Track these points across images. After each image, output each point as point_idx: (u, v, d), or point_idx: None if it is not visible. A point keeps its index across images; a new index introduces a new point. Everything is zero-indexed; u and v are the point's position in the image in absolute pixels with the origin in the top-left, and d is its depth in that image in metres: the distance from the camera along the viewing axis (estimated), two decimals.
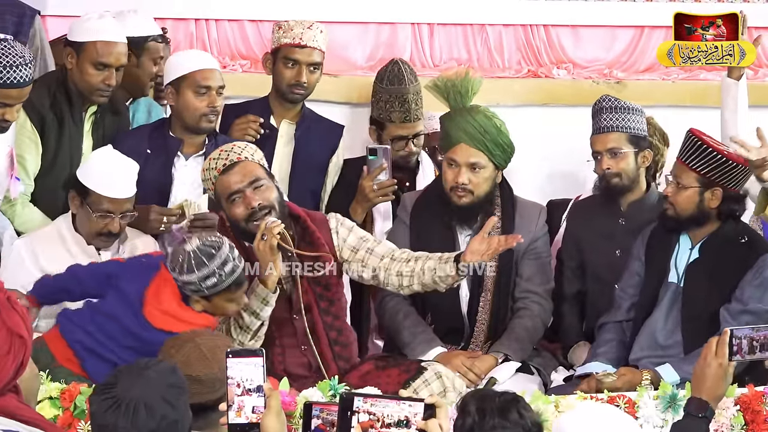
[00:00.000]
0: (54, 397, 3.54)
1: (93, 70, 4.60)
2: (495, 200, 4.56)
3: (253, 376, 2.67)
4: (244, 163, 4.02)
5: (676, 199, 4.17)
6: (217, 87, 4.60)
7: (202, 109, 4.57)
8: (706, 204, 4.17)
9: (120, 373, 2.60)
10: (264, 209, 3.95)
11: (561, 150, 5.17)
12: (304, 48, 4.90)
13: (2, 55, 4.16)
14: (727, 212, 4.20)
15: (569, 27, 6.17)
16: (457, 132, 4.44)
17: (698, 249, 4.23)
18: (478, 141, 4.41)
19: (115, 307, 3.82)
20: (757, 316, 4.03)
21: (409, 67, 5.17)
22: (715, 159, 4.11)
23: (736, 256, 4.17)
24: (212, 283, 3.75)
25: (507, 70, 6.12)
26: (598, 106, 4.59)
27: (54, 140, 4.64)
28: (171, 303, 3.81)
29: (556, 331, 4.71)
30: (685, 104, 5.53)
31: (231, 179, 3.98)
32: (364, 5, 5.99)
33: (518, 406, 2.85)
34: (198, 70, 4.60)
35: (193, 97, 4.58)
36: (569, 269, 4.73)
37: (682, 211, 4.18)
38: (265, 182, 4.00)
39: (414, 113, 4.96)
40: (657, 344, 4.22)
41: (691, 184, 4.15)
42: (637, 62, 6.23)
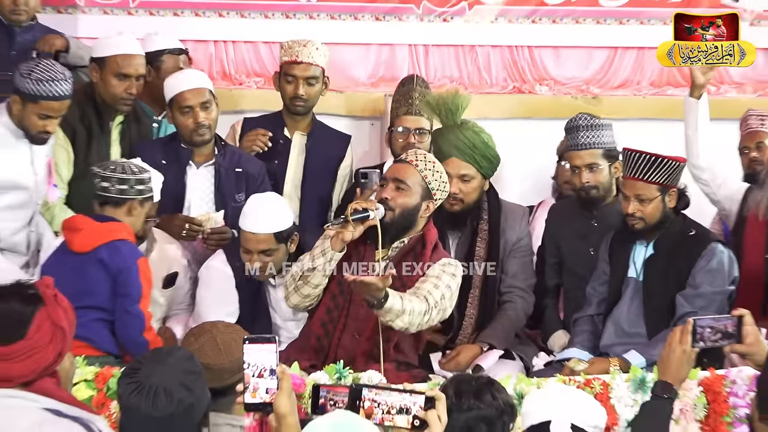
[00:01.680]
0: (89, 380, 3.53)
1: (115, 81, 4.65)
2: (483, 205, 4.53)
3: (267, 360, 2.66)
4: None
5: (646, 213, 4.14)
6: (200, 104, 4.56)
7: (189, 126, 4.56)
8: (667, 206, 4.16)
9: (144, 359, 2.61)
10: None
11: (543, 158, 5.17)
12: (300, 64, 4.88)
13: (44, 71, 4.20)
14: (683, 205, 4.20)
15: (550, 48, 6.17)
16: (449, 147, 4.42)
17: (652, 246, 4.23)
18: (468, 155, 4.40)
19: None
20: (708, 299, 4.09)
21: (421, 79, 5.13)
22: (669, 165, 4.09)
23: (687, 248, 4.16)
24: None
25: (494, 87, 6.12)
26: (575, 124, 4.54)
27: (84, 149, 4.67)
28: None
29: (536, 320, 4.70)
30: (654, 117, 5.53)
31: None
32: (366, 28, 5.99)
33: (492, 388, 2.87)
34: (179, 92, 4.58)
35: (179, 116, 4.59)
36: (549, 265, 4.75)
37: (652, 220, 4.16)
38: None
39: (416, 108, 4.86)
40: (623, 332, 4.22)
41: (654, 194, 4.13)
42: (611, 80, 6.22)
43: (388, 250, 3.93)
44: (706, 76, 4.50)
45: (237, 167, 4.68)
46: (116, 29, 5.21)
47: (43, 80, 4.18)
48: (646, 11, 6.13)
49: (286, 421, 2.66)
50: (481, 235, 4.47)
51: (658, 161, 4.08)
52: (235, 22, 5.90)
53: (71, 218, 4.12)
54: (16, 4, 4.93)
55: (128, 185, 4.04)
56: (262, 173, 4.76)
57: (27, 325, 2.46)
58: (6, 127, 4.31)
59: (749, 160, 5.03)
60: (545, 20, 6.11)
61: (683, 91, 4.64)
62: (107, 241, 3.92)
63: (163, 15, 5.79)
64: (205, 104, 4.57)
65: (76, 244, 3.94)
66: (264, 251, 4.14)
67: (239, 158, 4.74)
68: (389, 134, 4.96)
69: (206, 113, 4.57)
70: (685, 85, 4.62)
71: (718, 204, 4.76)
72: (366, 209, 3.80)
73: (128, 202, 4.03)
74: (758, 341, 3.22)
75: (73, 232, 3.99)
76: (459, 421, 2.79)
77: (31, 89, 4.20)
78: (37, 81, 4.18)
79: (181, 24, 5.73)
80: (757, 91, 6.23)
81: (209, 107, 4.59)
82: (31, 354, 2.47)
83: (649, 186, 4.11)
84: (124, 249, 3.95)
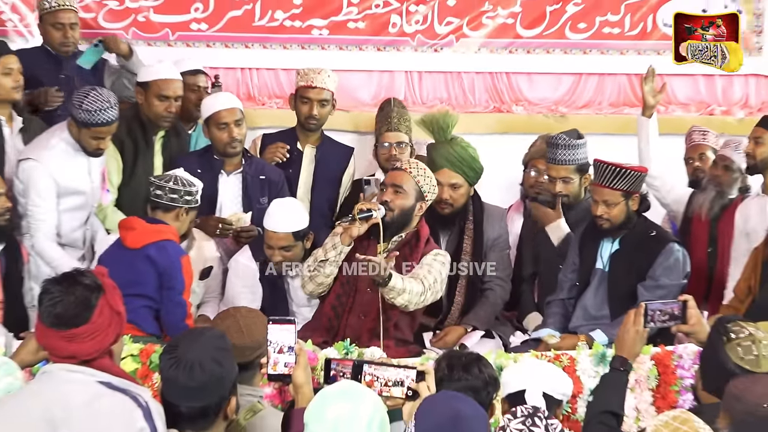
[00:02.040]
0: (134, 355, 3.54)
1: (157, 102, 4.64)
2: (469, 207, 4.53)
3: (287, 338, 2.68)
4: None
5: (611, 215, 4.12)
6: (234, 121, 4.55)
7: (224, 140, 4.56)
8: (631, 209, 4.15)
9: (181, 338, 2.62)
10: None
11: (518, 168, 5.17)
12: (314, 88, 4.87)
13: (94, 101, 4.20)
14: (644, 208, 4.19)
15: (525, 74, 6.14)
16: (441, 159, 4.42)
17: (618, 242, 4.20)
18: (457, 167, 4.41)
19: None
20: (666, 289, 4.05)
21: (398, 100, 5.14)
22: (632, 175, 4.08)
23: (648, 246, 4.15)
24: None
25: (477, 107, 6.10)
26: (555, 142, 4.50)
27: (131, 159, 4.67)
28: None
29: (513, 304, 4.69)
30: (613, 133, 5.51)
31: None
32: (369, 58, 5.98)
33: (479, 363, 2.87)
34: (216, 111, 4.57)
35: (216, 131, 4.58)
36: (526, 257, 4.73)
37: (617, 221, 4.15)
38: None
39: (395, 126, 4.89)
40: (590, 315, 4.21)
41: (618, 200, 4.11)
42: (577, 101, 6.20)
43: (388, 244, 3.95)
44: (656, 98, 4.53)
45: (261, 175, 4.69)
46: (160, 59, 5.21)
47: (92, 110, 4.19)
48: (605, 43, 6.12)
49: (302, 390, 2.69)
50: (467, 233, 4.49)
51: (622, 171, 4.07)
52: (258, 52, 5.88)
53: (127, 219, 4.13)
54: (65, 38, 4.93)
55: (178, 195, 4.06)
56: (282, 180, 4.76)
57: (91, 310, 2.47)
58: (67, 143, 4.33)
59: (693, 168, 5.03)
60: (520, 51, 6.09)
61: (637, 110, 4.64)
62: (155, 241, 3.94)
63: (197, 47, 5.77)
64: (238, 122, 4.57)
65: (129, 241, 3.96)
66: (284, 247, 4.16)
67: (262, 167, 4.74)
68: (375, 149, 4.99)
69: (238, 129, 4.57)
70: (639, 106, 4.62)
71: (667, 207, 4.79)
72: (370, 209, 3.84)
73: (176, 209, 4.06)
74: (700, 322, 3.24)
75: (127, 230, 4.00)
76: (450, 389, 2.78)
77: (83, 118, 4.21)
78: (87, 111, 4.19)
79: (213, 54, 5.72)
80: (700, 110, 6.21)
81: (241, 124, 4.59)
82: (94, 336, 2.48)
83: (615, 192, 4.10)
84: (170, 248, 3.96)
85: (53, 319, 2.46)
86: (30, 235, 4.31)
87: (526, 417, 2.36)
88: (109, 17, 5.73)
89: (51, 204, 4.30)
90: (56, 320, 2.45)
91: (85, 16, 5.64)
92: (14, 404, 2.48)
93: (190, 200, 4.10)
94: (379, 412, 2.36)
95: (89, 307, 2.46)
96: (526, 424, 2.34)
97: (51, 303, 2.46)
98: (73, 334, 2.46)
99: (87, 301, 2.47)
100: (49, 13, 4.94)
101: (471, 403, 2.29)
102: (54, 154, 4.30)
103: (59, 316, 2.45)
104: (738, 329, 2.86)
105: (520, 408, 2.50)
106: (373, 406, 2.35)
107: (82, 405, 2.40)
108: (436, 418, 2.23)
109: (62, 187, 4.33)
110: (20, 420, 2.40)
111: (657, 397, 3.69)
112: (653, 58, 5.83)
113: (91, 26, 5.64)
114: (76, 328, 2.45)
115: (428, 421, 2.22)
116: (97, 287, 2.50)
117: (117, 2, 5.73)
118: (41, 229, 4.28)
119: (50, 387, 2.46)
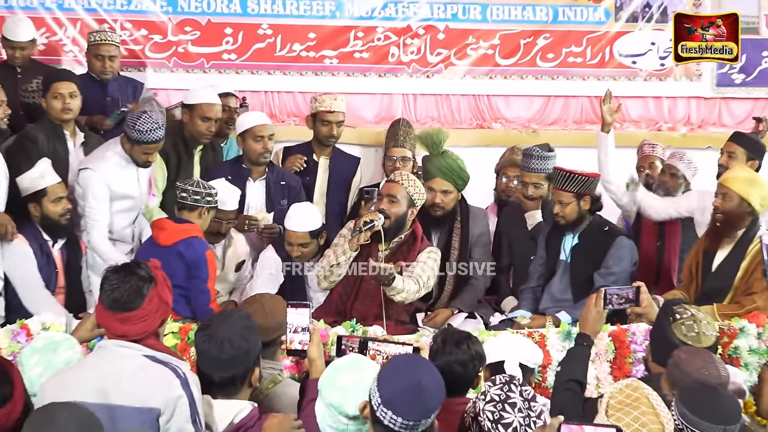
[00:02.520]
0: (175, 332, 3.55)
1: (200, 122, 4.62)
2: (457, 209, 4.48)
3: (302, 320, 2.68)
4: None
5: (565, 213, 4.11)
6: (268, 135, 4.56)
7: (259, 151, 4.55)
8: (582, 208, 4.12)
9: (214, 317, 2.64)
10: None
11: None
12: (333, 113, 4.87)
13: (146, 123, 4.21)
14: (595, 208, 4.17)
15: (502, 96, 6.11)
16: (434, 170, 4.39)
17: (578, 237, 4.18)
18: (448, 176, 4.36)
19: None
20: (617, 276, 4.05)
21: (406, 121, 5.11)
22: (580, 180, 4.06)
23: (602, 239, 4.13)
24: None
25: (462, 124, 6.07)
26: (530, 153, 4.48)
27: (175, 168, 4.66)
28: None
29: (492, 289, 4.66)
30: (576, 146, 5.47)
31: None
32: (372, 83, 5.96)
33: (469, 341, 2.84)
34: (254, 126, 4.57)
35: (252, 143, 4.56)
36: (503, 250, 4.69)
37: (570, 218, 4.13)
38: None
39: (401, 143, 4.83)
40: (556, 299, 4.20)
41: (570, 200, 4.09)
42: (546, 118, 6.16)
43: (388, 245, 3.96)
44: (613, 117, 4.49)
45: (281, 181, 4.67)
46: (196, 83, 5.25)
47: (143, 131, 4.19)
48: (570, 70, 6.09)
49: (316, 363, 2.69)
50: (456, 232, 4.44)
51: (572, 176, 4.06)
52: (278, 78, 5.86)
53: (158, 220, 4.10)
54: (104, 67, 4.93)
55: (200, 196, 4.02)
56: (299, 185, 4.74)
57: (143, 298, 2.46)
58: (120, 156, 4.32)
59: (644, 175, 5.00)
60: (498, 77, 6.06)
61: (597, 126, 4.60)
62: (183, 238, 3.90)
63: (228, 73, 5.76)
64: (271, 136, 4.59)
65: (161, 240, 3.92)
66: (301, 244, 4.14)
67: (283, 174, 4.73)
68: (383, 161, 4.97)
69: (271, 143, 4.59)
70: (599, 123, 4.58)
71: (622, 207, 4.75)
72: (372, 220, 3.85)
73: (199, 208, 4.01)
74: (650, 305, 3.22)
75: (159, 230, 3.97)
76: (442, 361, 2.76)
77: (135, 137, 4.22)
78: (139, 131, 4.19)
79: (241, 80, 5.71)
80: (649, 126, 6.18)
81: (272, 138, 4.61)
82: (143, 319, 2.47)
83: (567, 194, 4.08)
84: (196, 244, 3.92)
85: (110, 303, 2.46)
86: (86, 232, 4.29)
87: (504, 384, 2.33)
88: (154, 49, 5.72)
89: (105, 207, 4.29)
90: (113, 303, 2.45)
91: (134, 48, 5.67)
92: (73, 376, 2.48)
93: (211, 200, 4.05)
94: None
95: (141, 295, 2.46)
96: (504, 389, 2.31)
97: (110, 288, 2.46)
98: (126, 317, 2.46)
99: (140, 290, 2.46)
100: (93, 45, 4.97)
101: (430, 372, 2.18)
102: (108, 165, 4.29)
103: (115, 300, 2.45)
104: (682, 311, 2.86)
105: (498, 377, 2.47)
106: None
107: (130, 375, 2.40)
108: (400, 384, 2.11)
109: (115, 193, 4.31)
110: (78, 389, 2.38)
111: (614, 367, 3.68)
112: (610, 83, 5.79)
113: (138, 56, 5.69)
114: (128, 312, 2.45)
115: (391, 387, 2.11)
116: (150, 278, 2.49)
117: (161, 36, 5.73)
118: (96, 228, 4.26)
119: (103, 361, 2.46)
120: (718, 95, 6.27)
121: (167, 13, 5.71)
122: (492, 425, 2.23)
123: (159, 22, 5.71)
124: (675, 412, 2.24)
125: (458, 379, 2.76)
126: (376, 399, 2.11)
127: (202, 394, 2.47)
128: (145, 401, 2.36)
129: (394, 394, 2.07)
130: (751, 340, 3.79)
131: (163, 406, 2.36)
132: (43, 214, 4.08)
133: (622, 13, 6.12)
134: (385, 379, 2.11)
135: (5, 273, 4.04)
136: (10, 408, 2.31)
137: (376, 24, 5.93)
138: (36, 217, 4.11)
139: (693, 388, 2.35)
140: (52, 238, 4.15)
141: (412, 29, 5.95)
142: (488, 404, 2.26)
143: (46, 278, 4.07)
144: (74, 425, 2.02)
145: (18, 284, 4.03)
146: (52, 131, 4.42)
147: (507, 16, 6.03)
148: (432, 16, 5.96)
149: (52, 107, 4.38)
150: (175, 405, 2.36)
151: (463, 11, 5.98)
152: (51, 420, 2.04)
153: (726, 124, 6.24)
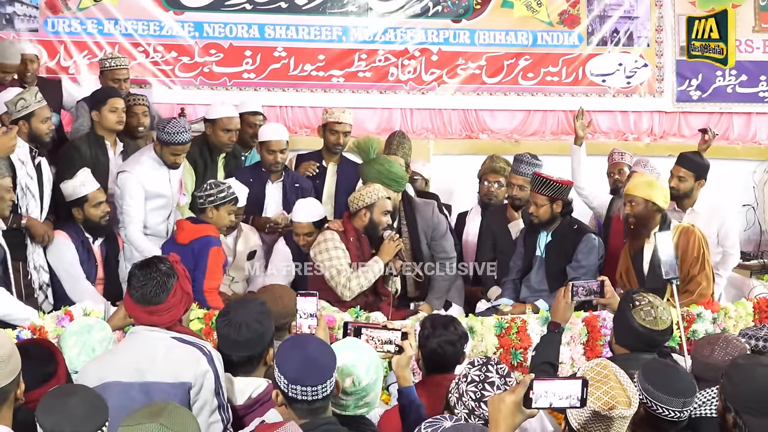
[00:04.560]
0: (200, 318, 3.56)
1: (222, 133, 4.63)
2: (399, 208, 4.30)
3: (310, 307, 2.68)
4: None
5: (539, 214, 4.10)
6: (280, 150, 4.52)
7: (270, 161, 4.55)
8: (554, 210, 4.11)
9: (233, 304, 2.62)
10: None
11: None
12: (341, 123, 4.85)
13: (173, 127, 4.21)
14: (566, 211, 4.15)
15: (488, 110, 6.13)
16: (368, 175, 4.21)
17: (551, 235, 4.17)
18: (379, 180, 4.15)
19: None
20: (586, 269, 4.05)
21: (401, 133, 5.09)
22: (555, 186, 4.05)
23: (573, 237, 4.12)
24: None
25: (453, 134, 6.08)
26: (520, 159, 4.45)
27: (201, 173, 4.65)
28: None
29: (479, 280, 4.63)
30: (553, 154, 5.44)
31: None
32: (374, 98, 5.98)
33: (454, 323, 2.85)
34: (268, 140, 4.55)
35: (266, 154, 4.56)
36: (488, 246, 4.67)
37: (543, 218, 4.12)
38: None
39: (393, 152, 4.75)
40: (534, 289, 4.19)
41: (544, 203, 4.08)
42: (527, 130, 6.17)
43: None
44: (585, 130, 4.48)
45: (296, 184, 4.67)
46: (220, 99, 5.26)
47: (171, 133, 4.20)
48: (548, 88, 6.09)
49: None
50: (403, 230, 4.29)
51: (547, 182, 4.04)
52: (292, 94, 5.88)
53: (180, 221, 4.06)
54: (121, 88, 4.87)
55: (203, 199, 3.96)
56: (311, 188, 4.74)
57: (168, 292, 2.46)
58: (153, 159, 4.33)
59: (613, 180, 4.98)
60: (485, 93, 6.07)
61: (571, 137, 4.60)
62: (197, 237, 3.85)
63: (247, 90, 5.77)
64: (282, 150, 4.56)
65: (180, 238, 3.89)
66: (306, 233, 4.18)
67: (297, 178, 4.73)
68: None
69: (282, 155, 4.56)
70: (573, 135, 4.55)
71: (594, 209, 4.74)
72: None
73: (205, 208, 3.96)
74: (614, 296, 3.18)
75: (179, 230, 3.95)
76: (433, 343, 2.79)
77: (164, 138, 4.23)
78: (168, 133, 4.21)
79: (259, 96, 5.69)
80: (617, 137, 6.17)
81: (284, 151, 4.58)
82: (169, 310, 2.48)
83: (542, 197, 4.06)
84: (204, 241, 3.84)
85: (138, 297, 2.46)
86: (124, 227, 4.30)
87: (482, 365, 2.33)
88: (183, 69, 5.75)
89: (140, 205, 4.29)
90: (141, 298, 2.46)
91: (165, 68, 5.68)
92: (111, 358, 2.50)
93: (213, 199, 3.97)
94: (374, 360, 2.34)
95: (166, 289, 2.46)
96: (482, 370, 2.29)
97: (138, 284, 2.45)
98: (153, 310, 2.46)
99: (164, 285, 2.46)
100: (108, 70, 5.01)
101: (312, 341, 2.17)
102: (143, 168, 4.30)
103: (143, 295, 2.45)
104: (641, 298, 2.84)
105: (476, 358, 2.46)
106: (369, 357, 2.34)
107: (162, 355, 2.41)
108: (294, 360, 2.11)
109: (149, 192, 4.32)
110: (117, 371, 2.41)
111: (587, 349, 3.70)
112: (583, 99, 5.85)
113: (168, 75, 5.70)
114: (155, 306, 2.46)
115: (289, 366, 2.11)
116: (172, 273, 2.49)
117: (189, 58, 5.75)
118: (132, 224, 4.27)
119: (137, 344, 2.48)
120: (678, 110, 6.28)
121: (194, 37, 5.75)
122: (475, 404, 2.24)
123: (187, 45, 5.75)
124: (639, 387, 2.24)
125: (450, 357, 2.77)
126: (283, 382, 2.10)
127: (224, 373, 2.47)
128: (178, 377, 2.37)
129: (295, 370, 2.08)
130: (707, 325, 3.82)
131: (193, 380, 2.36)
132: (85, 216, 4.10)
133: (593, 38, 6.15)
134: (282, 364, 2.11)
135: (51, 266, 4.07)
136: (55, 383, 2.33)
137: (377, 47, 5.95)
138: (79, 219, 4.12)
139: (654, 366, 2.35)
140: (93, 237, 4.17)
141: (409, 52, 5.98)
142: (470, 385, 2.25)
143: (87, 271, 4.08)
144: (83, 406, 2.00)
145: (62, 276, 4.05)
146: (95, 141, 4.45)
147: (492, 40, 6.05)
148: (426, 40, 5.99)
149: (107, 119, 4.42)
150: (204, 379, 2.37)
151: (454, 36, 6.01)
152: (63, 402, 2.01)
153: (685, 135, 6.24)
